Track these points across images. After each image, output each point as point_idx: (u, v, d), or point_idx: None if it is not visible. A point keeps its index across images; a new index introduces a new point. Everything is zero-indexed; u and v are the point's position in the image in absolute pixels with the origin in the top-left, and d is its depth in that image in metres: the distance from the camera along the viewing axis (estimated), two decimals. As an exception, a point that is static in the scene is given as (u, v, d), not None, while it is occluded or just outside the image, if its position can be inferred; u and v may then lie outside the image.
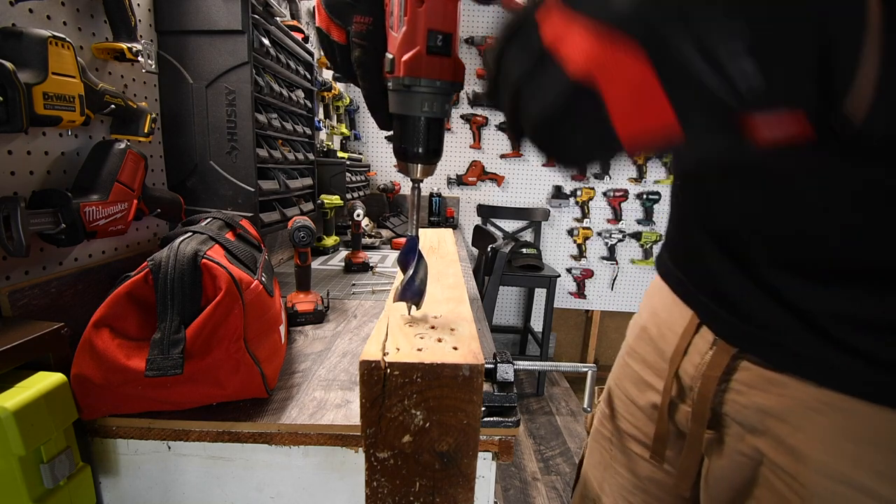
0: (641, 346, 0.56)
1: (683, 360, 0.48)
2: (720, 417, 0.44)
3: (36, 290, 0.61)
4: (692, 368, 0.46)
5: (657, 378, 0.52)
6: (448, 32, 0.32)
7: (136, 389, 0.52)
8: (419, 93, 0.33)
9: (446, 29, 0.32)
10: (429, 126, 0.35)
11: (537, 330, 2.84)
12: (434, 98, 0.34)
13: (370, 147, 2.90)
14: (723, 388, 0.43)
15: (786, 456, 0.38)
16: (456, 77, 0.33)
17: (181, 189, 0.94)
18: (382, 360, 0.33)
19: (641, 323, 0.57)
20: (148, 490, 0.58)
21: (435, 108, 0.34)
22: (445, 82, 0.33)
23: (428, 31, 0.31)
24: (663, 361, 0.51)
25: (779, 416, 0.39)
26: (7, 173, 0.59)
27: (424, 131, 0.35)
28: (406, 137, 0.36)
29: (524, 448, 2.15)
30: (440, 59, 0.32)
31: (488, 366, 0.53)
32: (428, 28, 0.31)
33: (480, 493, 0.59)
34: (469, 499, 0.37)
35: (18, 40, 0.53)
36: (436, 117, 0.35)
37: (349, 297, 1.11)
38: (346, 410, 0.59)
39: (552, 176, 2.97)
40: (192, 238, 0.58)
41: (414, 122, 0.35)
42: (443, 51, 0.32)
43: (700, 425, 0.45)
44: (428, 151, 0.36)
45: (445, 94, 0.34)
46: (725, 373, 0.43)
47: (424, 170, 0.37)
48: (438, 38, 0.32)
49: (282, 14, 1.10)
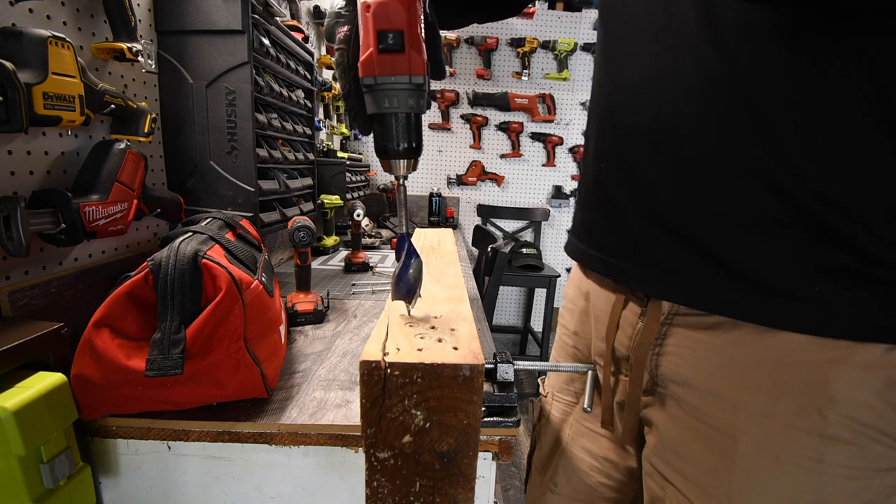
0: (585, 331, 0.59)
1: (617, 334, 0.51)
2: (657, 379, 0.47)
3: (36, 290, 0.61)
4: (626, 339, 0.50)
5: (600, 357, 0.56)
6: (398, 30, 0.33)
7: (136, 389, 0.52)
8: (379, 90, 0.35)
9: (396, 27, 0.33)
10: (399, 121, 0.36)
11: (537, 330, 2.84)
12: (395, 94, 0.35)
13: (370, 147, 2.90)
14: (656, 352, 0.46)
15: (715, 404, 0.42)
16: (412, 70, 0.34)
17: (181, 189, 0.94)
18: (383, 360, 0.33)
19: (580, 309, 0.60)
20: (148, 490, 0.58)
21: (397, 103, 0.35)
22: (401, 77, 0.34)
23: (378, 33, 0.33)
24: (601, 341, 0.54)
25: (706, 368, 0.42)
26: (7, 173, 0.59)
27: (396, 127, 0.36)
28: (382, 135, 0.37)
29: (524, 448, 2.15)
30: (392, 56, 0.34)
31: (488, 366, 0.53)
32: (377, 29, 0.33)
33: (480, 493, 0.59)
34: (469, 499, 0.37)
35: (18, 40, 0.53)
36: (403, 112, 0.36)
37: (349, 297, 1.11)
38: (346, 410, 0.59)
39: (552, 176, 2.97)
40: (192, 238, 0.58)
41: (382, 118, 0.36)
42: (395, 48, 0.34)
43: (637, 388, 0.49)
44: (405, 146, 0.37)
45: (406, 88, 0.35)
46: (657, 338, 0.46)
47: (405, 165, 0.38)
48: (389, 36, 0.33)
49: (282, 14, 1.10)
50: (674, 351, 0.45)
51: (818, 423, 0.36)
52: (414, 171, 0.39)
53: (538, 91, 2.84)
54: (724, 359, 0.41)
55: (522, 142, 2.93)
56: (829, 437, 0.36)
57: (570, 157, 2.94)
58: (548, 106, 2.85)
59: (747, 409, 0.39)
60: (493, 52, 2.79)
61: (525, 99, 2.83)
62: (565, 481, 0.61)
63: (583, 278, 0.59)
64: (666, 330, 0.45)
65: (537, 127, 2.90)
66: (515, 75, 2.83)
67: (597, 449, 0.58)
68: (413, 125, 0.37)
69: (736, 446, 0.40)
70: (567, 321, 0.64)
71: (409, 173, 0.39)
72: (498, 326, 3.16)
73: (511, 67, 2.83)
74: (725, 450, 0.41)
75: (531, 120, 2.89)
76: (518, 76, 2.82)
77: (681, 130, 0.41)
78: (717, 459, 0.41)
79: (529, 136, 2.91)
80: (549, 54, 2.80)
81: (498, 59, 2.83)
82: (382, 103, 0.36)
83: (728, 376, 0.41)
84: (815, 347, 0.36)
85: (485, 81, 2.85)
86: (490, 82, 2.85)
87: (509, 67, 2.83)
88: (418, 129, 0.38)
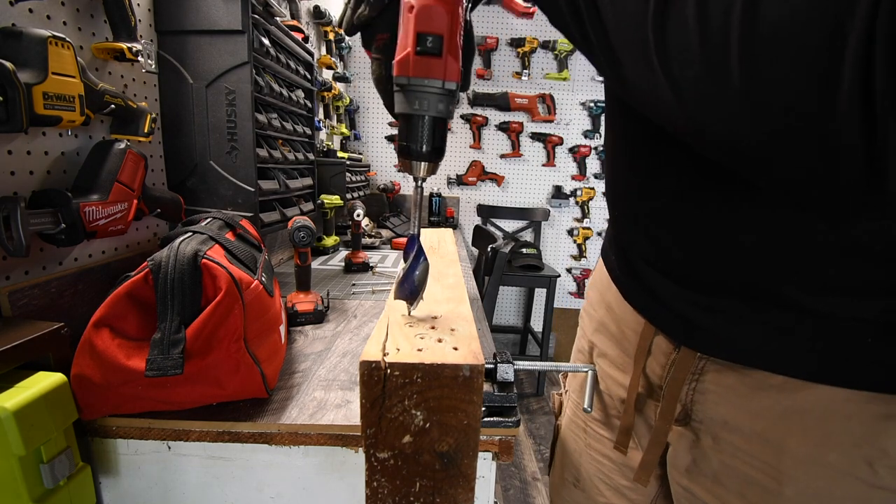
0: (602, 342, 0.57)
1: (649, 359, 0.49)
2: (691, 413, 0.45)
3: (36, 290, 0.61)
4: (659, 368, 0.48)
5: (621, 373, 0.53)
6: (438, 34, 0.33)
7: (136, 389, 0.52)
8: (411, 91, 0.35)
9: (436, 31, 0.33)
10: (425, 124, 0.36)
11: (537, 330, 2.84)
12: (426, 96, 0.35)
13: (370, 147, 2.90)
14: (692, 387, 0.44)
15: (758, 446, 0.40)
16: (447, 76, 0.34)
17: (181, 189, 0.94)
18: (382, 360, 0.33)
19: (598, 318, 0.58)
20: (148, 490, 0.58)
21: (427, 105, 0.35)
22: (435, 80, 0.34)
23: (417, 34, 0.33)
24: (626, 357, 0.52)
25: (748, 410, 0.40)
26: (7, 173, 0.59)
27: (422, 129, 0.36)
28: (407, 135, 0.37)
29: (524, 448, 2.15)
30: (429, 59, 0.34)
31: (488, 366, 0.53)
32: (417, 31, 0.33)
33: (480, 493, 0.59)
34: (469, 499, 0.37)
35: (18, 40, 0.53)
36: (431, 115, 0.36)
37: (349, 297, 1.11)
38: (346, 410, 0.59)
39: (552, 176, 2.97)
40: (192, 238, 0.58)
41: (410, 119, 0.36)
42: (433, 51, 0.34)
43: (667, 422, 0.47)
44: (427, 149, 0.37)
45: (438, 92, 0.35)
46: (693, 373, 0.44)
47: (426, 168, 0.38)
48: (429, 39, 0.33)
49: (282, 14, 1.10)
50: (713, 389, 0.43)
51: (867, 474, 0.35)
52: (433, 174, 0.39)
53: (538, 91, 2.84)
54: (768, 403, 0.39)
55: (522, 142, 2.93)
56: (879, 487, 0.35)
57: (570, 157, 2.93)
58: (548, 106, 2.85)
59: (794, 455, 0.38)
60: (493, 52, 2.79)
61: (525, 99, 2.83)
62: (585, 480, 0.61)
63: (609, 284, 0.56)
64: (703, 365, 0.43)
65: (537, 127, 2.90)
66: (515, 75, 2.83)
67: (613, 455, 0.57)
68: (439, 130, 0.37)
69: (781, 489, 0.39)
70: (586, 325, 0.62)
71: (429, 176, 0.39)
72: (498, 326, 3.16)
73: (511, 67, 2.83)
74: (769, 492, 0.40)
75: (531, 120, 2.89)
76: (518, 76, 2.82)
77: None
78: (761, 498, 0.40)
79: (529, 136, 2.91)
80: (549, 54, 2.80)
81: (498, 59, 2.83)
82: (413, 104, 0.35)
83: (773, 420, 0.39)
84: (865, 399, 0.35)
85: (485, 81, 2.85)
86: (490, 82, 2.85)
87: (509, 67, 2.83)
88: (443, 134, 0.38)
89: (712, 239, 0.39)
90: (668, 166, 0.41)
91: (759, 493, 0.40)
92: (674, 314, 0.44)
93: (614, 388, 0.55)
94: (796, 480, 0.38)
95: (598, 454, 0.58)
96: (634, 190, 0.46)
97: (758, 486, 0.40)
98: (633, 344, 0.51)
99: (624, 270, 0.52)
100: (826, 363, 0.36)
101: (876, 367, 0.34)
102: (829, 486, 0.37)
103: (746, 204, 0.35)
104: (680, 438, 0.47)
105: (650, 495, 0.55)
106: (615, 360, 0.55)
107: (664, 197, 0.42)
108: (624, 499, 0.57)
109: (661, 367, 0.48)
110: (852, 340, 0.34)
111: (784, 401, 0.38)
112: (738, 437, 0.42)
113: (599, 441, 0.58)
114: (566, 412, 0.66)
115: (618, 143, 0.48)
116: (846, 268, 0.33)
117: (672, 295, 0.44)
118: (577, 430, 0.62)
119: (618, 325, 0.54)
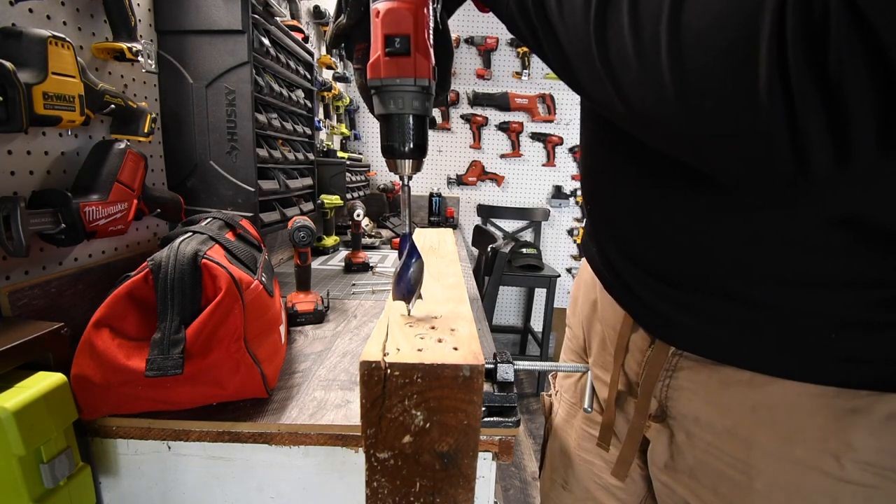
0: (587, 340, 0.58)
1: (627, 357, 0.50)
2: (666, 409, 0.46)
3: (36, 290, 0.61)
4: (636, 365, 0.49)
5: (604, 371, 0.54)
6: (405, 34, 0.35)
7: (136, 389, 0.52)
8: (385, 92, 0.36)
9: (403, 32, 0.35)
10: (404, 122, 0.37)
11: (537, 330, 2.84)
12: (400, 95, 0.36)
13: (370, 147, 2.90)
14: (666, 384, 0.45)
15: (729, 442, 0.41)
16: (417, 73, 0.35)
17: (181, 189, 0.94)
18: (383, 360, 0.33)
19: (584, 316, 0.59)
20: (148, 490, 0.58)
21: (402, 104, 0.37)
22: (407, 79, 0.35)
23: (385, 37, 0.35)
24: (608, 355, 0.54)
25: (719, 405, 0.41)
26: (7, 173, 0.59)
27: (400, 127, 0.38)
28: (388, 135, 0.38)
29: (524, 448, 2.15)
30: (398, 59, 0.35)
31: (488, 366, 0.53)
32: (384, 34, 0.35)
33: (480, 493, 0.59)
34: (469, 499, 0.37)
35: (18, 40, 0.53)
36: (407, 113, 0.37)
37: (349, 297, 1.11)
38: (346, 410, 0.59)
39: (552, 176, 2.97)
40: (192, 238, 0.58)
41: (389, 119, 0.38)
42: (401, 51, 0.35)
43: (642, 417, 0.48)
44: (409, 147, 0.38)
45: (412, 90, 0.36)
46: (667, 369, 0.45)
47: (410, 165, 0.39)
48: (396, 41, 0.35)
49: (282, 14, 1.10)
50: (686, 385, 0.44)
51: (834, 468, 0.36)
52: (418, 171, 0.40)
53: (538, 91, 2.84)
54: (738, 398, 0.40)
55: (522, 142, 2.93)
56: (846, 481, 0.36)
57: (570, 156, 2.93)
58: (548, 106, 2.85)
59: (763, 449, 0.39)
60: (493, 52, 2.79)
61: (525, 99, 2.83)
62: (575, 482, 0.61)
63: (593, 281, 0.57)
64: (677, 361, 0.44)
65: (537, 127, 2.90)
66: (515, 75, 2.83)
67: (604, 454, 0.57)
68: (418, 127, 0.38)
69: (751, 484, 0.39)
70: (573, 324, 0.63)
71: (414, 173, 0.40)
72: (498, 326, 3.16)
73: (511, 67, 2.83)
74: (740, 486, 0.40)
75: (531, 120, 2.89)
76: (518, 76, 2.82)
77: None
78: (733, 492, 0.41)
79: (529, 136, 2.91)
80: (549, 54, 2.80)
81: (498, 59, 2.83)
82: (388, 104, 0.37)
83: (742, 416, 0.40)
84: (832, 394, 0.35)
85: (485, 81, 2.85)
86: (490, 82, 2.85)
87: (509, 67, 2.83)
88: (424, 131, 0.39)
89: (676, 235, 0.40)
90: (631, 161, 0.42)
91: (730, 487, 0.41)
92: (648, 308, 0.45)
93: (599, 387, 0.56)
94: (766, 475, 0.39)
95: (589, 454, 0.59)
96: (604, 186, 0.47)
97: (730, 481, 0.41)
98: (613, 342, 0.52)
99: (603, 262, 0.53)
100: (792, 359, 0.37)
101: (840, 361, 0.35)
102: (798, 481, 0.37)
103: (704, 199, 0.36)
104: (658, 435, 0.48)
105: (639, 495, 0.55)
106: (597, 359, 0.56)
107: (630, 192, 0.43)
108: (613, 498, 0.57)
109: (638, 365, 0.49)
110: (817, 336, 0.35)
111: (752, 396, 0.39)
112: (710, 433, 0.42)
113: (589, 440, 0.59)
114: (558, 412, 0.66)
115: (588, 139, 0.50)
116: (806, 263, 0.33)
117: (646, 289, 0.45)
118: (568, 431, 0.63)
119: (601, 324, 0.55)
